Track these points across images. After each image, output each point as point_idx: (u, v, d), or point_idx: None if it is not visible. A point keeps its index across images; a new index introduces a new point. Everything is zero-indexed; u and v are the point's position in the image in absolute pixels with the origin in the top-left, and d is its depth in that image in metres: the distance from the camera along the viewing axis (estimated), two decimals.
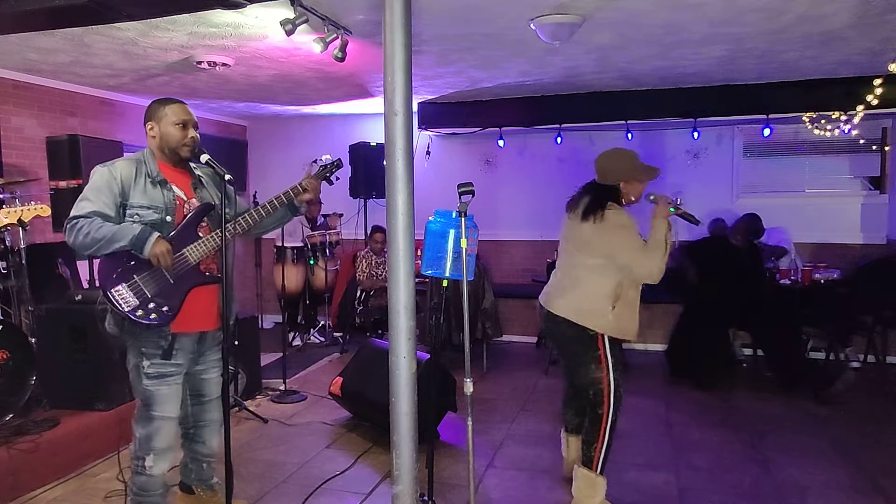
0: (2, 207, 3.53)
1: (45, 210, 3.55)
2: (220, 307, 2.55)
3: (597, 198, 2.88)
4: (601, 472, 2.87)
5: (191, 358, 2.61)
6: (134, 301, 2.41)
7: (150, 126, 2.56)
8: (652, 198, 2.95)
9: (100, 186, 2.44)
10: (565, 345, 3.01)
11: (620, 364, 2.89)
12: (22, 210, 3.45)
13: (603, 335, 2.84)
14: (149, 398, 2.50)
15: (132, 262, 2.43)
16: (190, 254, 2.50)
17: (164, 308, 2.45)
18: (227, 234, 2.41)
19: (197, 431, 2.77)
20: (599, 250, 2.83)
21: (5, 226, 3.53)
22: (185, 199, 2.58)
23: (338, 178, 2.91)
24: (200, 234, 2.54)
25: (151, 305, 2.43)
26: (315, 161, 2.85)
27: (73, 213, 2.41)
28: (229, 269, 2.52)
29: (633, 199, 2.97)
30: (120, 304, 2.40)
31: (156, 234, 2.41)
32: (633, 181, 2.94)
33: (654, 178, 2.98)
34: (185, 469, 2.87)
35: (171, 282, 2.47)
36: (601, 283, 2.83)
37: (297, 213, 2.80)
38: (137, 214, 2.45)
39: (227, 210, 2.37)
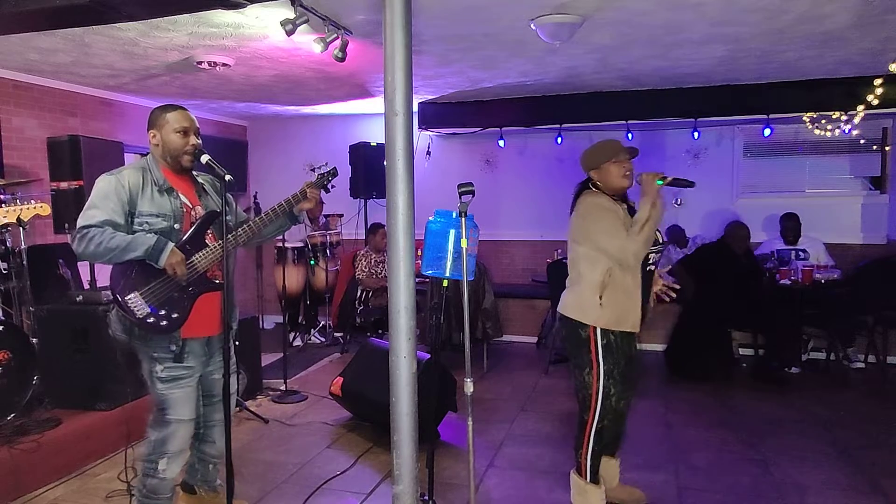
0: (1, 207, 3.47)
1: (45, 209, 3.45)
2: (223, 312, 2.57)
3: (578, 188, 2.92)
4: (591, 481, 2.84)
5: (202, 361, 2.63)
6: (146, 308, 2.43)
7: (152, 134, 2.55)
8: (638, 178, 2.79)
9: (107, 194, 2.42)
10: (566, 345, 2.99)
11: (621, 376, 2.78)
12: (21, 209, 3.37)
13: (595, 338, 2.76)
14: (163, 402, 2.51)
15: (143, 271, 2.43)
16: (199, 261, 2.51)
17: (174, 315, 2.47)
18: (229, 243, 2.41)
19: (206, 431, 2.78)
20: (579, 236, 2.82)
21: (4, 225, 3.46)
22: (190, 206, 2.59)
23: (334, 187, 2.96)
24: (207, 242, 2.55)
25: (162, 312, 2.45)
26: (314, 169, 2.88)
27: (82, 221, 2.38)
28: (230, 275, 2.53)
29: (621, 184, 2.81)
30: (132, 311, 2.42)
31: (171, 245, 2.42)
32: (602, 166, 2.81)
33: (628, 156, 2.80)
34: (191, 470, 2.87)
35: (182, 289, 2.48)
36: (591, 272, 2.78)
37: (296, 221, 2.81)
38: (147, 223, 2.45)
39: (228, 217, 2.37)
